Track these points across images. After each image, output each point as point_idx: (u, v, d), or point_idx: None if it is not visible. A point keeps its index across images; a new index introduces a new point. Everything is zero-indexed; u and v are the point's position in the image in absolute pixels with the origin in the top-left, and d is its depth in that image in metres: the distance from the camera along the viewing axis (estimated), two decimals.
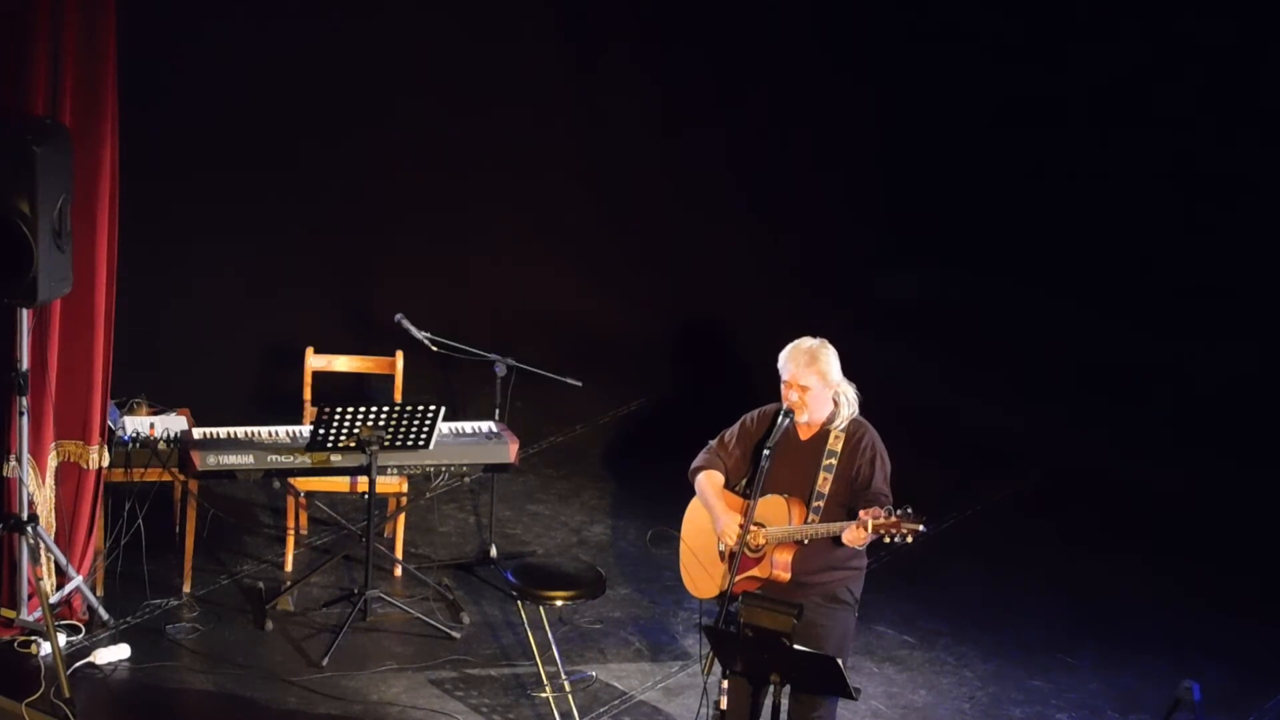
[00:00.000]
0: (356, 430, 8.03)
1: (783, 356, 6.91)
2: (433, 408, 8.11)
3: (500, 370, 8.99)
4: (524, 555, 9.03)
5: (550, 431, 10.47)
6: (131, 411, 8.49)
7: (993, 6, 11.38)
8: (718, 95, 11.81)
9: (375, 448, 8.03)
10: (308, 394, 9.00)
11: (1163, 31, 10.94)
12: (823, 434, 6.90)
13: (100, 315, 7.99)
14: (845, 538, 6.68)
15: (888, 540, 6.60)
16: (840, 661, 6.43)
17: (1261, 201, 10.94)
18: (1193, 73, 10.95)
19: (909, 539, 6.57)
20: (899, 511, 6.56)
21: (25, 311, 7.70)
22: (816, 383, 6.85)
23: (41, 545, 7.92)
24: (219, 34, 10.40)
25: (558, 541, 9.31)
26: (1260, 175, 10.89)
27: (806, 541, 6.80)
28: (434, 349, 9.14)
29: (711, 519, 6.99)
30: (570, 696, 7.73)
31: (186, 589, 8.49)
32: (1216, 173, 11.01)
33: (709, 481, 7.04)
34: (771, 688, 6.44)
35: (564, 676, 7.81)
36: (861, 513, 6.65)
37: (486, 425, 8.52)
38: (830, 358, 6.88)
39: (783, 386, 6.90)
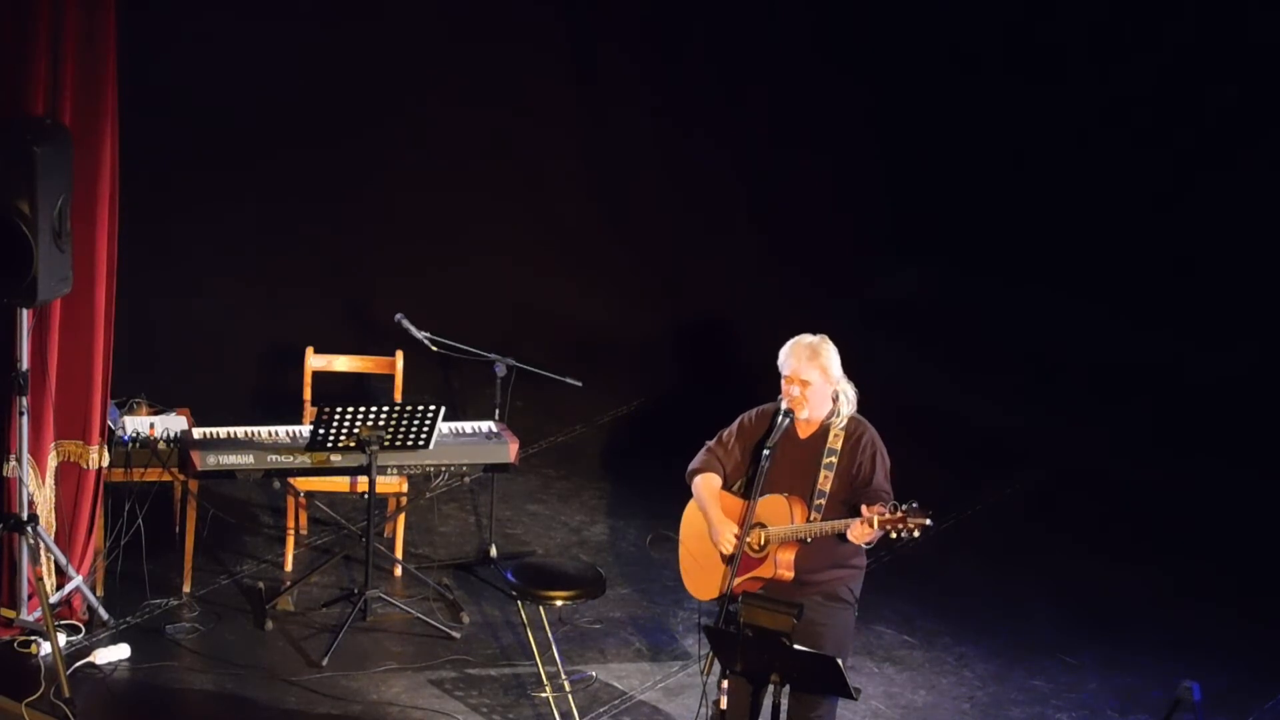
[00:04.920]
0: (356, 430, 8.03)
1: (783, 352, 6.90)
2: (433, 408, 8.11)
3: (500, 370, 9.00)
4: (524, 555, 9.03)
5: (550, 431, 10.47)
6: (131, 411, 8.49)
7: (994, 5, 11.39)
8: (718, 95, 11.81)
9: (375, 448, 8.03)
10: (308, 394, 9.00)
11: (1163, 34, 10.96)
12: (822, 432, 6.89)
13: (100, 315, 7.99)
14: (851, 535, 6.67)
15: (894, 536, 6.60)
16: (840, 661, 6.43)
17: (1262, 201, 10.95)
18: (1190, 76, 10.97)
19: (915, 534, 6.56)
20: (904, 506, 6.56)
21: (25, 311, 7.70)
22: (818, 378, 6.84)
23: (41, 545, 7.92)
24: (219, 34, 10.39)
25: (558, 541, 9.31)
26: (1261, 175, 10.91)
27: (810, 540, 6.79)
28: (434, 349, 9.14)
29: (708, 526, 6.98)
30: (570, 696, 7.73)
31: (186, 589, 8.49)
32: (1217, 172, 11.01)
33: (705, 486, 7.02)
34: (771, 688, 6.44)
35: (564, 676, 7.81)
36: (865, 509, 6.64)
37: (486, 425, 8.52)
38: (831, 353, 6.87)
39: (783, 382, 6.88)
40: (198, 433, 8.27)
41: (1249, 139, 10.92)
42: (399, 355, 9.05)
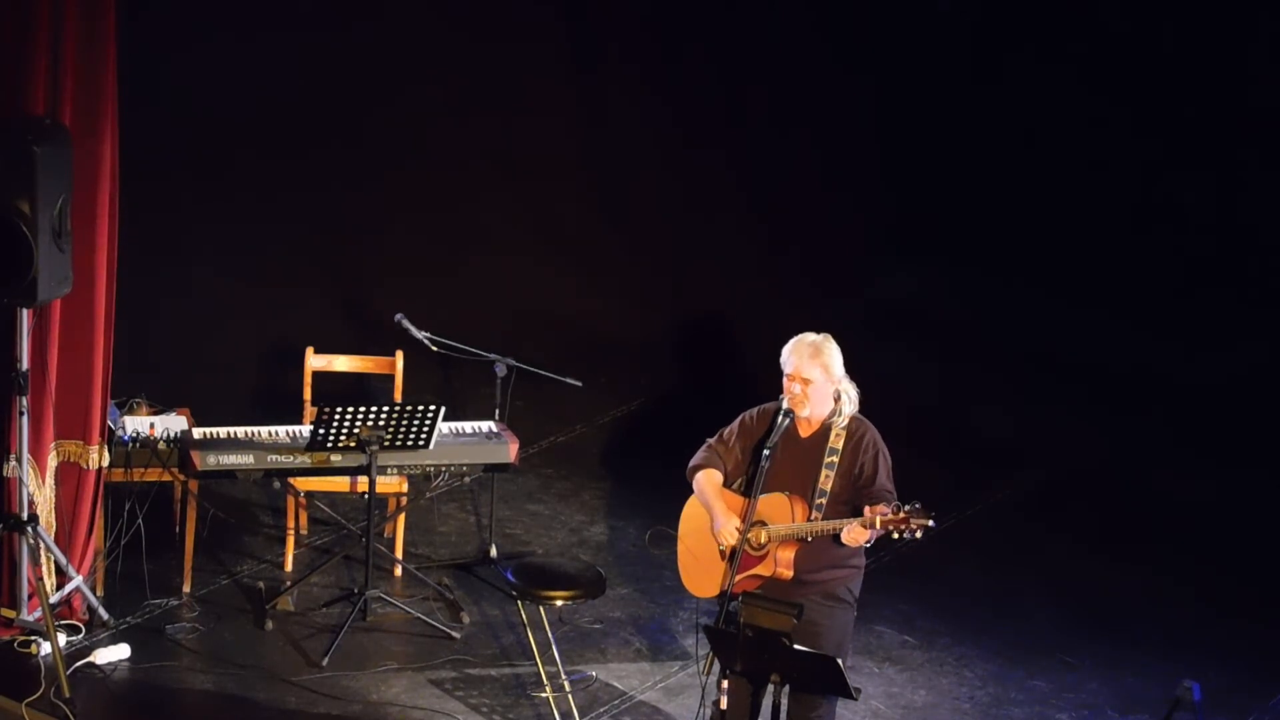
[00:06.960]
0: (356, 430, 8.03)
1: (786, 350, 6.90)
2: (433, 408, 8.10)
3: (500, 370, 9.00)
4: (524, 555, 9.02)
5: (550, 431, 10.47)
6: (131, 411, 8.48)
7: (992, 4, 11.41)
8: (718, 95, 11.81)
9: (375, 448, 8.03)
10: (308, 394, 9.00)
11: (1161, 35, 10.97)
12: (824, 432, 6.89)
13: (100, 315, 7.99)
14: (851, 534, 6.67)
15: (896, 536, 6.60)
16: (840, 661, 6.43)
17: (1260, 201, 10.96)
18: (1188, 77, 10.99)
19: (918, 534, 6.57)
20: (907, 507, 6.56)
21: (25, 311, 7.70)
22: (820, 376, 6.84)
23: (41, 545, 7.92)
24: (219, 34, 10.40)
25: (558, 541, 9.31)
26: (1259, 174, 10.91)
27: (810, 539, 6.79)
28: (434, 349, 9.14)
29: (710, 518, 6.98)
30: (570, 696, 7.73)
31: (186, 589, 8.49)
32: (1215, 173, 11.02)
33: (707, 480, 7.03)
34: (771, 688, 6.44)
35: (564, 676, 7.81)
36: (868, 509, 6.64)
37: (486, 425, 8.52)
38: (834, 352, 6.87)
39: (785, 380, 6.88)
40: (198, 433, 8.27)
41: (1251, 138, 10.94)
42: (399, 355, 9.05)
